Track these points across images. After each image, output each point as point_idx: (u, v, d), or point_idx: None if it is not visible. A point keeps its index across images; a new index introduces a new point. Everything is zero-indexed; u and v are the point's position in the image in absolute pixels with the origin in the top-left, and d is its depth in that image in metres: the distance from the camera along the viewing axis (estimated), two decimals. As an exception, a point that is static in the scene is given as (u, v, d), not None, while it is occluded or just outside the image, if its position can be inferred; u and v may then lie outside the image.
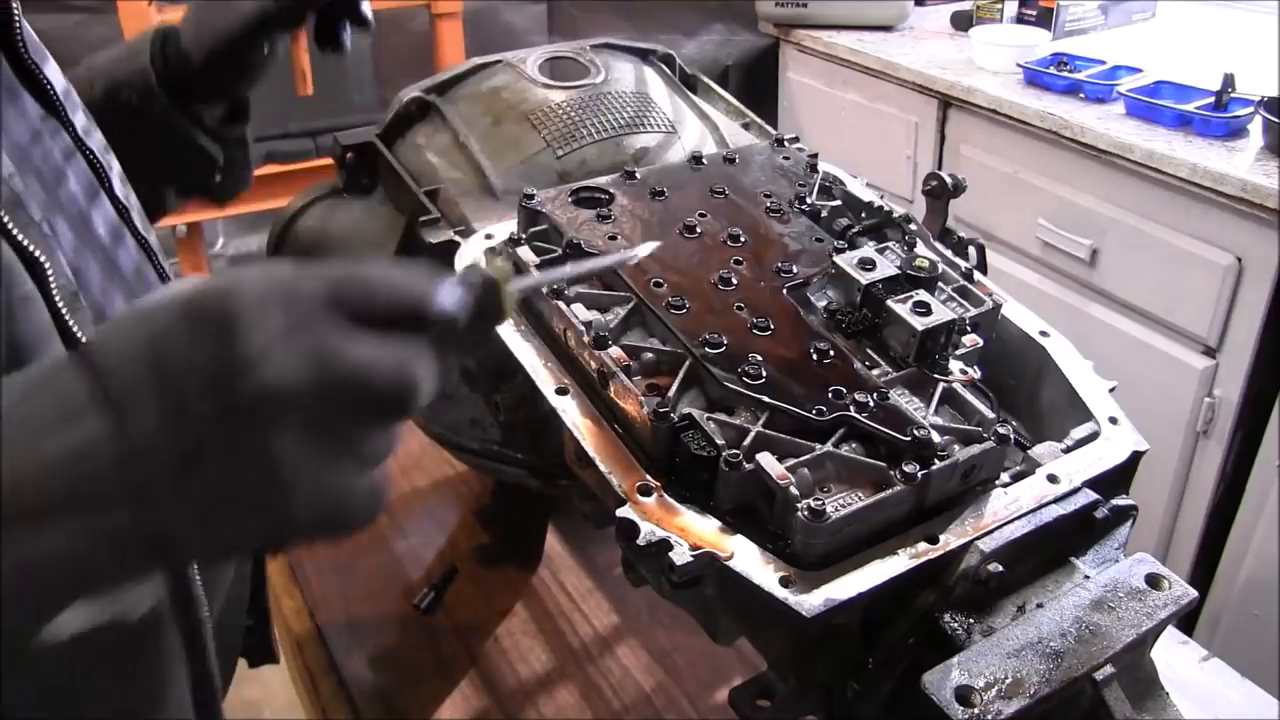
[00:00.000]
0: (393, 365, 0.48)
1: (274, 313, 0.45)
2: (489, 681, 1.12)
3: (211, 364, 0.44)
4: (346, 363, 0.46)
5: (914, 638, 0.69)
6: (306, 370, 0.45)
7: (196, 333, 0.45)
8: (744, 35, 3.05)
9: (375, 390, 0.48)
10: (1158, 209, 1.96)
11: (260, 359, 0.44)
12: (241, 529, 0.48)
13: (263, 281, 0.47)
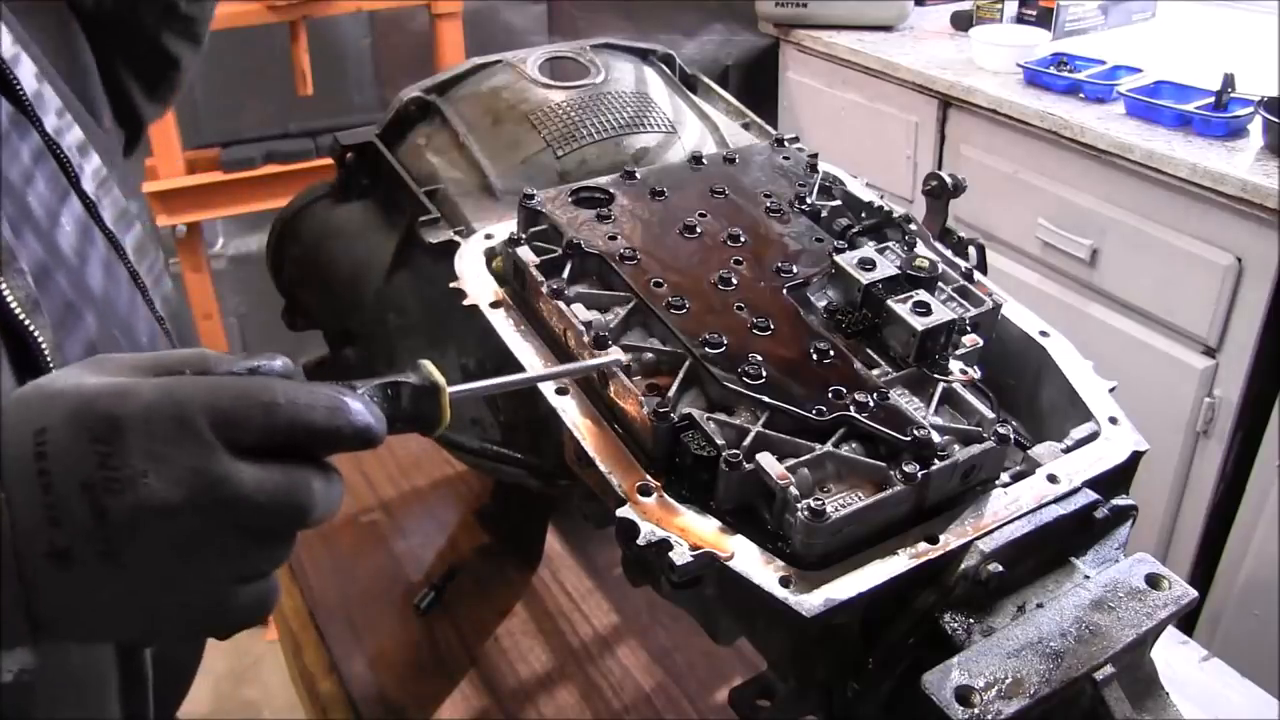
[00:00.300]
0: (277, 490, 0.49)
1: (159, 429, 0.47)
2: (489, 681, 1.12)
3: (90, 474, 0.46)
4: (227, 487, 0.47)
5: (914, 638, 0.69)
6: (182, 491, 0.46)
7: (80, 440, 0.46)
8: (744, 35, 3.05)
9: (257, 514, 0.49)
10: (1158, 209, 1.96)
11: (135, 476, 0.46)
12: (113, 626, 0.50)
13: (154, 395, 0.48)
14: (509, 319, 0.87)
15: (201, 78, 2.62)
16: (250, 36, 2.43)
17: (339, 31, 2.71)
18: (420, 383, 0.54)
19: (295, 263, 1.21)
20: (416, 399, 0.54)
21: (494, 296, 0.89)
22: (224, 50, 2.59)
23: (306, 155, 2.34)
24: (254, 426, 0.48)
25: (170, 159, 2.23)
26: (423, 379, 0.54)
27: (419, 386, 0.54)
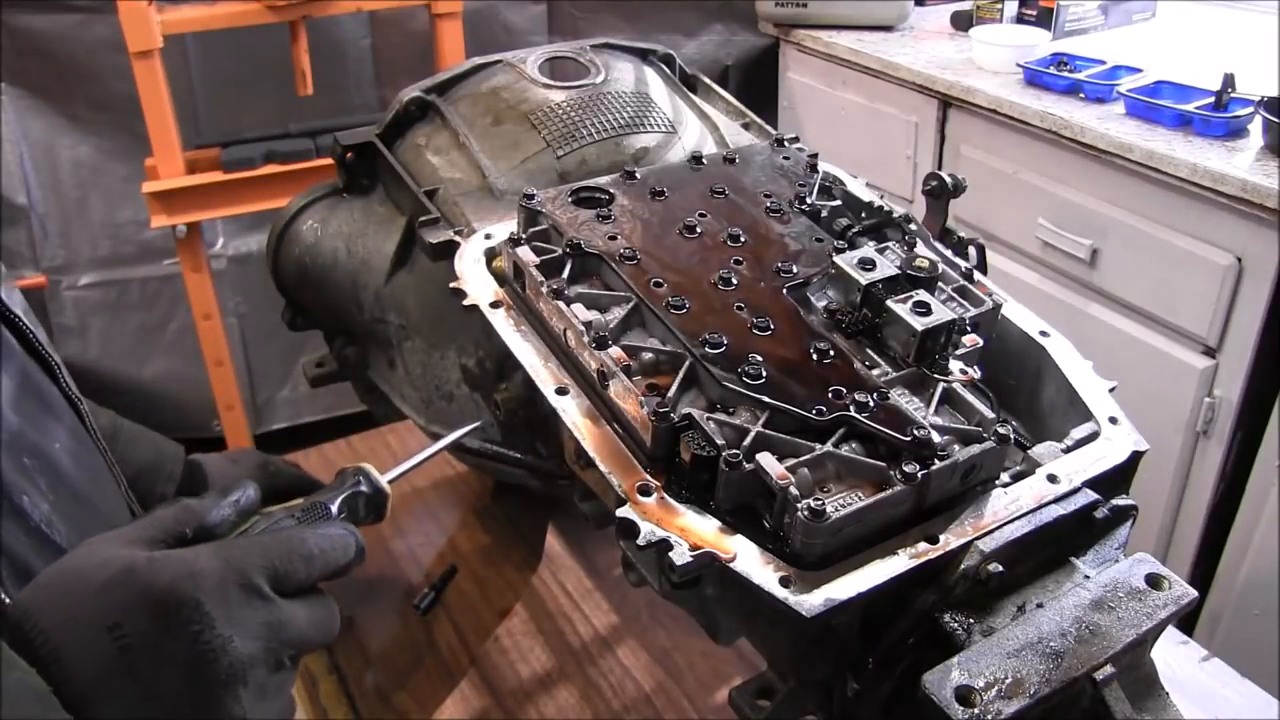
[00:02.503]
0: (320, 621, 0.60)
1: (234, 597, 0.53)
2: (489, 681, 1.12)
3: (180, 648, 0.50)
4: (291, 629, 0.57)
5: (914, 638, 0.69)
6: (260, 643, 0.54)
7: (163, 621, 0.50)
8: (744, 35, 3.05)
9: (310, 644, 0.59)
10: (1158, 209, 1.96)
11: (225, 642, 0.52)
12: None
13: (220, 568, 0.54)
14: (509, 319, 0.87)
15: (201, 78, 2.62)
16: (250, 36, 2.43)
17: (339, 31, 2.71)
18: (370, 491, 0.72)
19: (295, 263, 1.21)
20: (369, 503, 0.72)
21: (494, 296, 0.89)
22: (224, 50, 2.59)
23: (306, 155, 2.34)
24: (300, 578, 0.58)
25: (170, 159, 2.24)
26: (371, 487, 0.72)
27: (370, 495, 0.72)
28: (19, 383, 0.67)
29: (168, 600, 0.51)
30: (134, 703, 0.49)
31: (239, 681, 0.52)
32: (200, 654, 0.51)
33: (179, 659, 0.50)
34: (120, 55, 2.15)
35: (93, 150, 2.61)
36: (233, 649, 0.52)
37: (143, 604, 0.51)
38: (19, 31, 2.42)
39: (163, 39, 2.11)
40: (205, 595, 0.52)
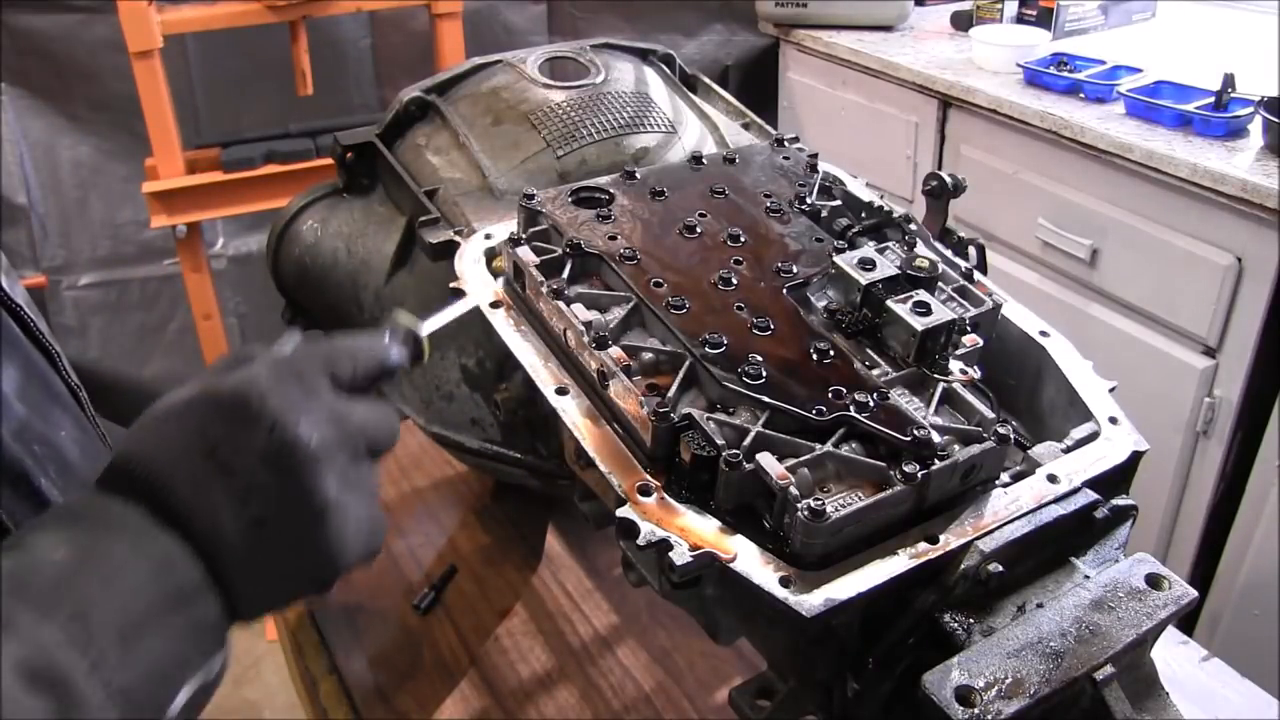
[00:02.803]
0: (380, 415, 0.62)
1: (293, 392, 0.56)
2: (489, 681, 1.12)
3: (259, 440, 0.54)
4: (354, 418, 0.59)
5: (914, 638, 0.69)
6: (331, 430, 0.57)
7: (239, 422, 0.54)
8: (744, 35, 3.05)
9: (377, 436, 0.61)
10: (1158, 209, 1.96)
11: (296, 429, 0.54)
12: (304, 574, 0.57)
13: (274, 369, 0.57)
14: (509, 319, 0.87)
15: (201, 78, 2.62)
16: (250, 36, 2.43)
17: (339, 31, 2.71)
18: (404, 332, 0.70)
19: (295, 263, 1.21)
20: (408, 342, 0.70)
21: (494, 296, 0.89)
22: (224, 50, 2.59)
23: (306, 155, 2.34)
24: (349, 373, 0.62)
25: (170, 159, 2.23)
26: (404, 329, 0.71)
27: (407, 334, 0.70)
28: (24, 372, 0.68)
29: (237, 401, 0.54)
30: (233, 502, 0.52)
31: (319, 462, 0.55)
32: (279, 442, 0.54)
33: (260, 450, 0.53)
34: (120, 55, 2.15)
35: (93, 150, 2.61)
36: (304, 433, 0.55)
37: (217, 411, 0.54)
38: (19, 31, 2.42)
39: (163, 39, 2.11)
40: (268, 391, 0.55)
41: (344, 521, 0.56)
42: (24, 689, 0.44)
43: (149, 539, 0.51)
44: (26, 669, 0.45)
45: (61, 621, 0.47)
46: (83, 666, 0.46)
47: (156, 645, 0.49)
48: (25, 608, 0.46)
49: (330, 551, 0.56)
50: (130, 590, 0.49)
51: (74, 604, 0.47)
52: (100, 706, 0.46)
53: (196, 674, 0.52)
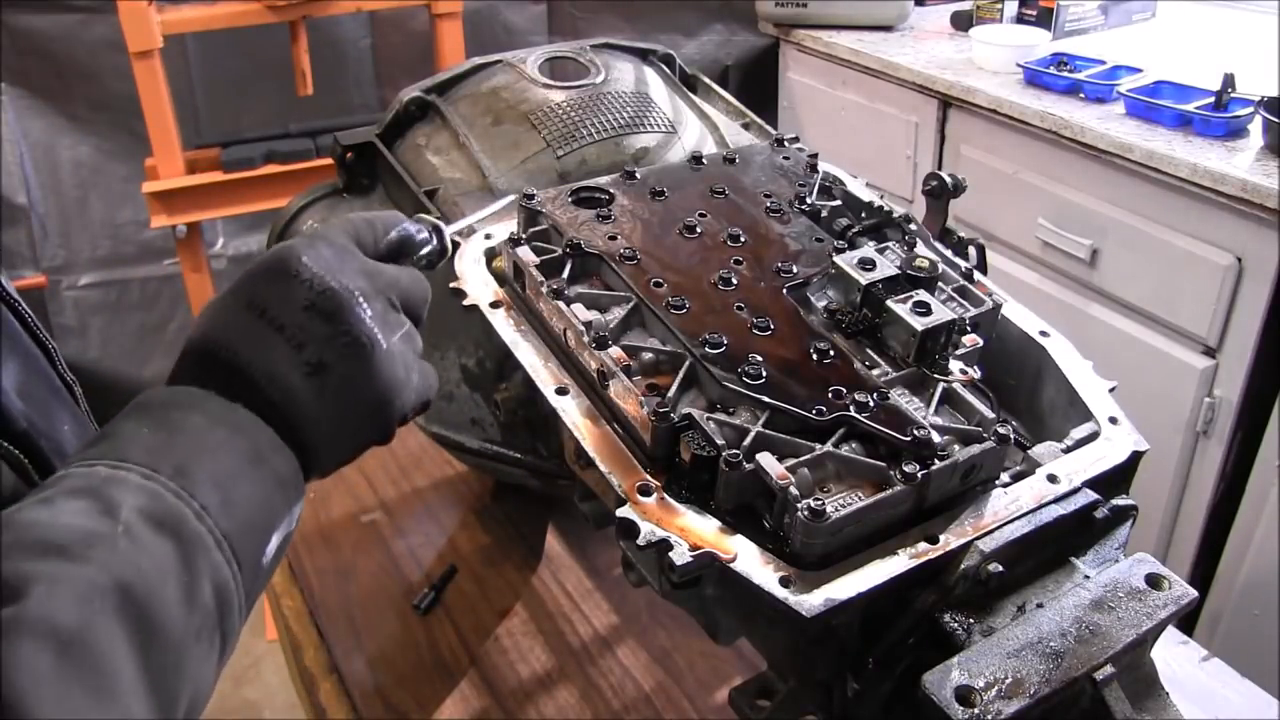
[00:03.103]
0: (410, 275, 0.68)
1: (325, 252, 0.62)
2: (489, 681, 1.12)
3: (301, 293, 0.59)
4: (386, 274, 0.65)
5: (914, 638, 0.69)
6: (364, 280, 0.62)
7: (281, 282, 0.60)
8: (744, 35, 3.05)
9: (409, 292, 0.66)
10: (1158, 209, 1.96)
11: (333, 279, 0.60)
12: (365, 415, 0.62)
13: (303, 239, 0.63)
14: (509, 319, 0.87)
15: (202, 78, 2.62)
16: (250, 36, 2.43)
17: (339, 31, 2.71)
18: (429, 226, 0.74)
19: (295, 263, 1.21)
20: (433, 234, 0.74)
21: (494, 296, 0.89)
22: (224, 50, 2.59)
23: (306, 155, 2.34)
24: (372, 237, 0.68)
25: (170, 159, 2.23)
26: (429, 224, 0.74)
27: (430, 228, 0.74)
28: (25, 368, 0.68)
29: (276, 266, 0.60)
30: (290, 351, 0.58)
31: (359, 307, 0.60)
32: (318, 291, 0.59)
33: (303, 300, 0.59)
34: (120, 55, 2.15)
35: (93, 150, 2.61)
36: (341, 281, 0.60)
37: (260, 278, 0.60)
38: (19, 31, 2.42)
39: (163, 39, 2.11)
40: (303, 253, 0.61)
41: (393, 360, 0.62)
42: (151, 530, 0.49)
43: (222, 410, 0.56)
44: (148, 514, 0.49)
45: (167, 475, 0.51)
46: (192, 513, 0.51)
47: (249, 493, 0.54)
48: (131, 470, 0.51)
49: (386, 387, 0.62)
50: (216, 450, 0.54)
51: (172, 463, 0.52)
52: (212, 548, 0.51)
53: (283, 522, 0.57)
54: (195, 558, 0.50)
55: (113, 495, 0.49)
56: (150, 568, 0.48)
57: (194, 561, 0.50)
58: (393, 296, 0.64)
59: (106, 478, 0.50)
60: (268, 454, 0.57)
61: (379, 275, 0.64)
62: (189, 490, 0.52)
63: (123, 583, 0.46)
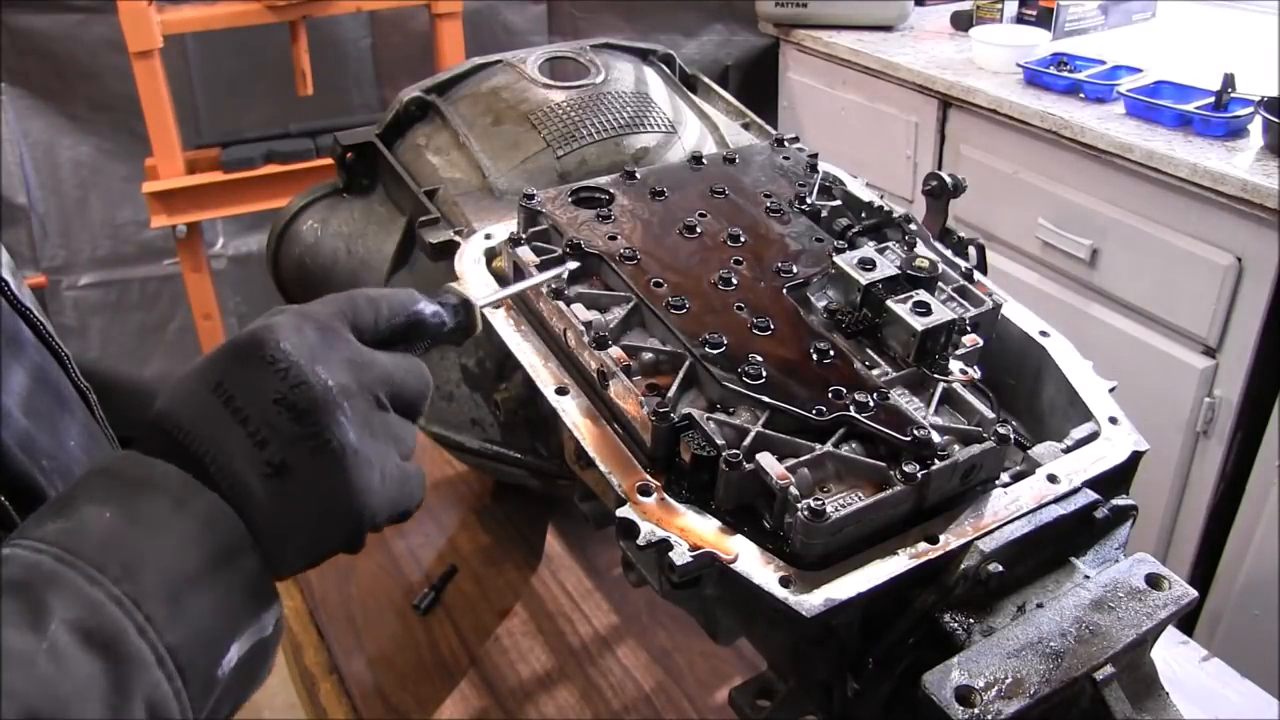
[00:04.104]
0: (408, 366, 0.61)
1: (311, 337, 0.56)
2: (489, 681, 1.12)
3: (273, 383, 0.53)
4: (377, 367, 0.58)
5: (914, 638, 0.69)
6: (350, 375, 0.56)
7: (253, 367, 0.54)
8: (744, 35, 3.05)
9: (401, 388, 0.60)
10: (1158, 209, 1.96)
11: (310, 372, 0.54)
12: (330, 526, 0.56)
13: (293, 316, 0.57)
14: (509, 319, 0.87)
15: (202, 78, 2.62)
16: (250, 36, 2.43)
17: (339, 31, 2.71)
18: (457, 301, 0.67)
19: (295, 263, 1.21)
20: (456, 313, 0.67)
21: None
22: (224, 50, 2.59)
23: (306, 155, 2.34)
24: (369, 321, 0.61)
25: (170, 159, 2.24)
26: (457, 297, 0.67)
27: (457, 304, 0.67)
28: (33, 379, 0.67)
29: (251, 347, 0.54)
30: (246, 444, 0.52)
31: (336, 407, 0.54)
32: (292, 386, 0.53)
33: (273, 395, 0.53)
34: (120, 55, 2.15)
35: (93, 150, 2.61)
36: (319, 377, 0.54)
37: (233, 357, 0.55)
38: (19, 31, 2.42)
39: (163, 39, 2.11)
40: (284, 337, 0.55)
41: (368, 469, 0.55)
42: (79, 647, 0.45)
43: (190, 497, 0.51)
44: (80, 628, 0.45)
45: (112, 581, 0.47)
46: (133, 625, 0.47)
47: (204, 603, 0.50)
48: (76, 569, 0.47)
49: (355, 501, 0.55)
50: (175, 550, 0.50)
51: (122, 564, 0.48)
52: (152, 664, 0.47)
53: (246, 631, 0.52)
54: (128, 677, 0.46)
55: (47, 601, 0.45)
56: (69, 692, 0.44)
57: (126, 682, 0.46)
58: (381, 393, 0.58)
59: (48, 576, 0.46)
60: (234, 554, 0.52)
61: (368, 368, 0.58)
62: (135, 598, 0.47)
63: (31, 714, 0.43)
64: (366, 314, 0.60)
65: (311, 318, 0.57)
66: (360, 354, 0.58)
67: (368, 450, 0.55)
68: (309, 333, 0.56)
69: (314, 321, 0.57)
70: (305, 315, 0.57)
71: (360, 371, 0.57)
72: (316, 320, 0.57)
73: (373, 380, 0.57)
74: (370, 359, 0.58)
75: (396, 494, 0.58)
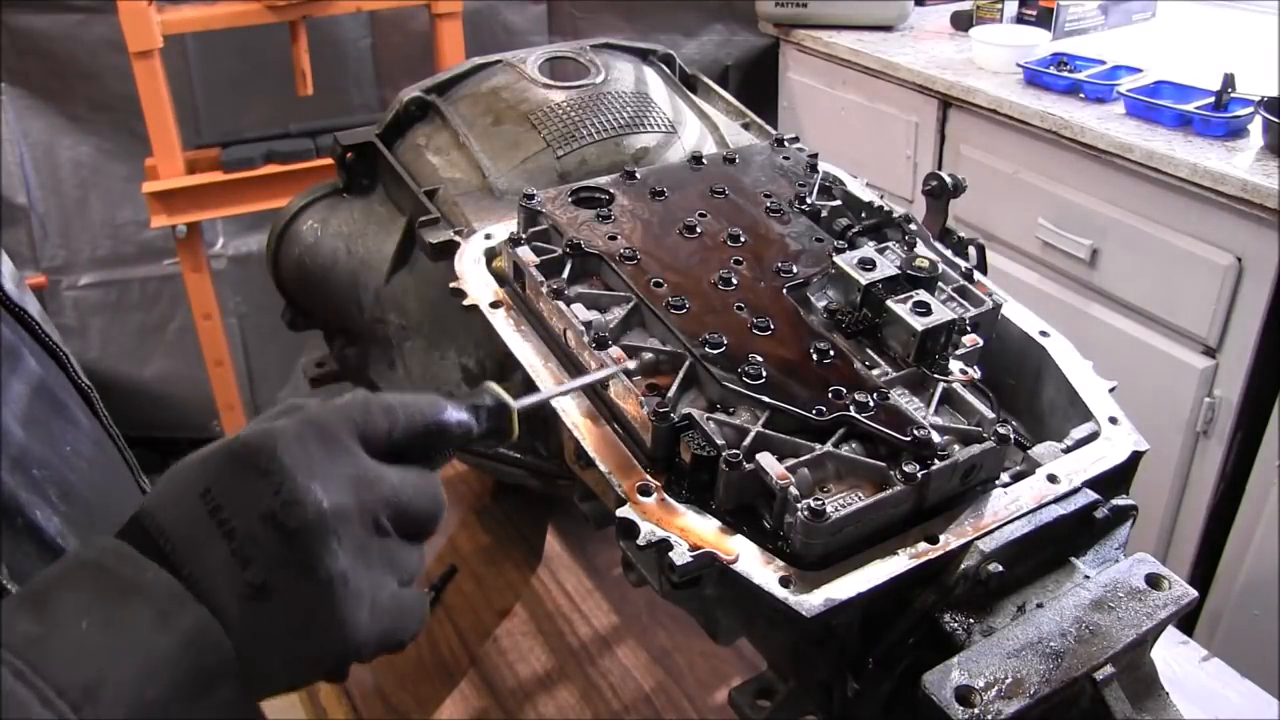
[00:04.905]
0: (418, 485, 0.55)
1: (313, 449, 0.51)
2: (489, 681, 1.12)
3: (265, 497, 0.49)
4: (383, 485, 0.53)
5: (914, 638, 0.69)
6: (349, 495, 0.51)
7: (245, 476, 0.50)
8: (744, 35, 3.05)
9: (408, 510, 0.54)
10: (1158, 209, 1.96)
11: (307, 490, 0.49)
12: (310, 654, 0.51)
13: (296, 423, 0.52)
14: (509, 319, 0.87)
15: (202, 78, 2.62)
16: (250, 36, 2.43)
17: (339, 31, 2.71)
18: (493, 404, 0.61)
19: (295, 263, 1.21)
20: (492, 416, 0.61)
21: (494, 296, 0.89)
22: (224, 50, 2.59)
23: (306, 155, 2.34)
24: (383, 431, 0.54)
25: (170, 159, 2.23)
26: (495, 400, 0.61)
27: (493, 407, 0.61)
28: (33, 388, 0.66)
29: (245, 455, 0.50)
30: (228, 559, 0.48)
31: (330, 533, 0.49)
32: (284, 503, 0.49)
33: (263, 510, 0.49)
34: (120, 55, 2.15)
35: (93, 150, 2.61)
36: (315, 498, 0.49)
37: (226, 464, 0.51)
38: (19, 31, 2.42)
39: (163, 39, 2.11)
40: (282, 446, 0.50)
41: (356, 599, 0.51)
42: None
43: (175, 611, 0.47)
44: None
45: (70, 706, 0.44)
46: None
47: None
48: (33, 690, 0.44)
49: (338, 634, 0.51)
50: (148, 671, 0.46)
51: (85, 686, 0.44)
52: None
53: None
54: None
55: None
56: None
57: None
58: (383, 516, 0.52)
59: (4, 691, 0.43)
60: (214, 681, 0.48)
61: (374, 486, 0.52)
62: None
63: None
64: (380, 423, 0.55)
65: (317, 425, 0.53)
66: (366, 470, 0.53)
67: (359, 580, 0.51)
68: (311, 443, 0.51)
69: (319, 430, 0.52)
70: (310, 421, 0.53)
71: (363, 491, 0.52)
72: (322, 429, 0.52)
73: (376, 501, 0.52)
74: (376, 476, 0.53)
75: (388, 626, 0.53)
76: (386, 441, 0.55)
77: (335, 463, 0.51)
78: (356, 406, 0.55)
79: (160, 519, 0.50)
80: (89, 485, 0.68)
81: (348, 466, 0.52)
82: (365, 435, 0.54)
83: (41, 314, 0.73)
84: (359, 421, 0.54)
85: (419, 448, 0.56)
